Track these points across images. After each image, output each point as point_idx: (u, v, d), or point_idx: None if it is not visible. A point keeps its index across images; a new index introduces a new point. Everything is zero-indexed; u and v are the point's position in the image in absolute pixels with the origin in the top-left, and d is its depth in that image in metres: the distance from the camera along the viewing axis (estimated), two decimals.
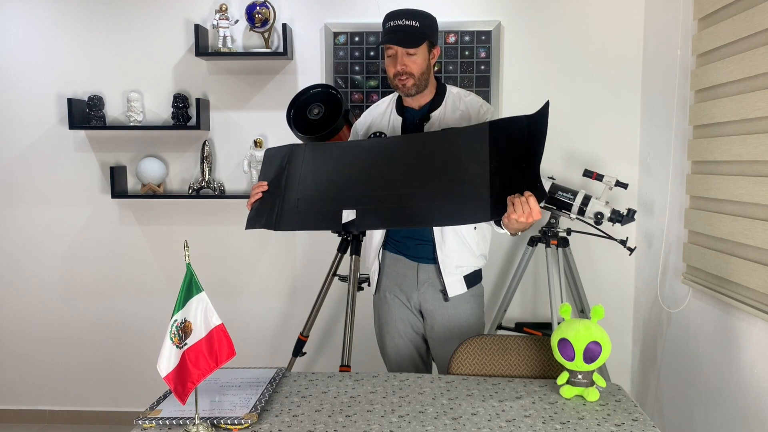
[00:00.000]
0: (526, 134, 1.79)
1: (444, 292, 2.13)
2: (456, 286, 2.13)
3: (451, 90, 2.17)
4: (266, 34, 3.00)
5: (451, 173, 1.85)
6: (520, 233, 1.83)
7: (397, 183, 1.91)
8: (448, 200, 1.82)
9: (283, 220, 1.97)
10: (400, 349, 2.24)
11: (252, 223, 2.03)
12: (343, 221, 1.90)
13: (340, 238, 2.65)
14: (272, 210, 1.99)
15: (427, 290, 2.17)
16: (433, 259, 2.13)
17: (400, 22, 2.04)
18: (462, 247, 2.10)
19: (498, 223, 1.86)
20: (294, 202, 1.98)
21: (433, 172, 1.87)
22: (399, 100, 2.19)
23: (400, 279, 2.19)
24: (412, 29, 2.02)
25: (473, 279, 2.19)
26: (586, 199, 2.62)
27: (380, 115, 2.22)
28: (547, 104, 1.78)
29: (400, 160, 1.93)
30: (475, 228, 2.10)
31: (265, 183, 2.06)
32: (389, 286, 2.21)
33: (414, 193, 1.87)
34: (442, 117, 2.11)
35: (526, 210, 1.69)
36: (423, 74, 2.06)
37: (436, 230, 2.08)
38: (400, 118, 2.16)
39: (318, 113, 2.48)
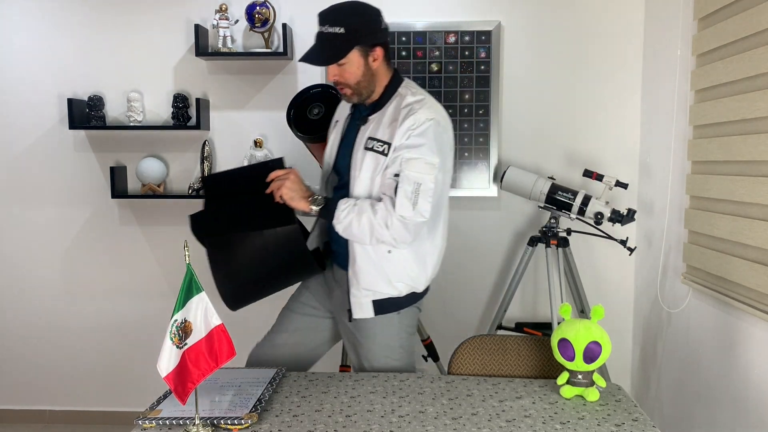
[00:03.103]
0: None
1: (350, 311, 1.91)
2: (363, 309, 1.88)
3: (404, 94, 1.87)
4: (266, 34, 3.00)
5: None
6: (313, 202, 1.84)
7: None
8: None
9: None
10: None
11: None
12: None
13: None
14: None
15: (334, 293, 2.04)
16: (346, 266, 1.92)
17: (323, 29, 1.78)
18: (372, 268, 1.86)
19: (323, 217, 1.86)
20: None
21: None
22: None
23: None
24: (335, 37, 1.76)
25: (385, 306, 1.89)
26: (586, 199, 2.62)
27: (344, 104, 2.08)
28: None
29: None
30: (389, 252, 1.85)
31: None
32: None
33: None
34: (378, 124, 1.88)
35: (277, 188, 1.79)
36: (360, 83, 1.82)
37: (350, 242, 1.88)
38: (348, 113, 2.02)
39: (318, 113, 2.48)
